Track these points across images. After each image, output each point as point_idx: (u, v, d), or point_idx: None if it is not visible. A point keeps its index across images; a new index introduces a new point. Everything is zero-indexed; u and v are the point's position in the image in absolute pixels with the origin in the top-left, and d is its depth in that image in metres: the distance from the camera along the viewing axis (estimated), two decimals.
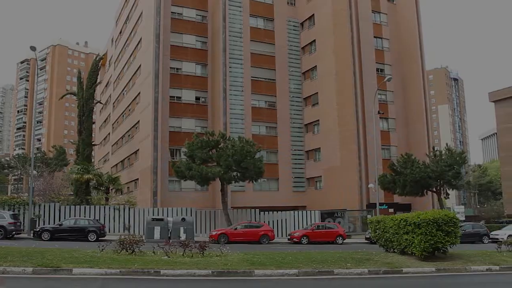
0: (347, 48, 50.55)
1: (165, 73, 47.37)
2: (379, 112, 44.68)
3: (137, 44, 54.24)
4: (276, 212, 40.60)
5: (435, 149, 45.84)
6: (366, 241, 33.62)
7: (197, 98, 50.29)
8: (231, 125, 48.76)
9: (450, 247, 17.74)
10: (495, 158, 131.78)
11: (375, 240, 21.86)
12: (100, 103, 69.86)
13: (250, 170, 35.49)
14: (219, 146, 36.50)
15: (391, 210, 44.36)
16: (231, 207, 41.41)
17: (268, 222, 37.81)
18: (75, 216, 33.88)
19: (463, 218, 42.99)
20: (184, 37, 50.44)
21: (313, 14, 55.32)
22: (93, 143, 53.48)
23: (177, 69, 49.43)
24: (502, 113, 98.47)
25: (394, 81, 48.93)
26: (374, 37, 53.16)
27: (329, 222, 38.52)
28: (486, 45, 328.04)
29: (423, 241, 16.67)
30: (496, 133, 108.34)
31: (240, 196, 46.86)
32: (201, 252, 16.91)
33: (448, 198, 49.21)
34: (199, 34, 51.36)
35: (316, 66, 54.35)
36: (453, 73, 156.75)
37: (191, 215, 35.78)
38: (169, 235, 29.57)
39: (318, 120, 53.23)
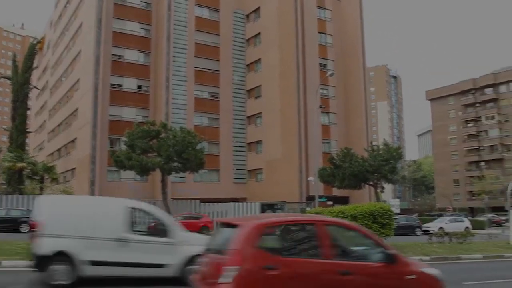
0: (291, 42, 50.98)
1: (106, 60, 46.11)
2: (320, 107, 45.35)
3: (78, 29, 52.52)
4: (216, 203, 40.53)
5: (373, 144, 47.13)
6: None
7: (139, 87, 49.34)
8: (173, 115, 48.17)
9: (385, 239, 18.27)
10: (429, 154, 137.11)
11: None
12: (37, 88, 67.21)
13: (191, 161, 35.17)
14: (160, 136, 35.93)
15: (329, 202, 45.14)
16: (171, 198, 40.99)
17: (209, 213, 37.65)
18: (6, 207, 32.42)
19: (398, 211, 44.33)
20: (128, 23, 49.25)
21: (259, 7, 55.43)
22: (27, 130, 51.45)
23: (119, 56, 48.24)
24: (437, 111, 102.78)
25: (336, 76, 49.78)
26: (318, 32, 53.86)
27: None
28: (424, 44, 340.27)
29: None
30: (431, 130, 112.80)
31: (180, 187, 46.43)
32: None
33: (384, 191, 50.71)
34: (143, 21, 50.31)
35: (260, 58, 54.55)
36: (392, 71, 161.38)
37: None
38: None
39: (261, 112, 53.49)
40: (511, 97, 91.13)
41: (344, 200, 46.58)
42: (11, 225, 28.58)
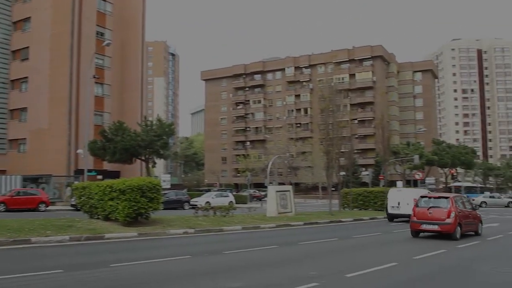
0: (66, 2, 47.46)
1: None
2: (94, 76, 43.37)
3: None
4: None
5: (147, 119, 47.11)
6: (72, 208, 32.52)
7: None
8: None
9: (153, 213, 18.42)
10: (201, 132, 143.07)
11: (80, 207, 21.26)
12: None
13: None
14: None
15: (100, 177, 43.75)
16: None
17: None
18: None
19: (169, 186, 45.28)
20: None
21: None
22: None
23: None
24: (210, 91, 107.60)
25: (113, 47, 48.22)
26: None
27: (31, 188, 35.91)
28: (205, 24, 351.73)
29: (127, 207, 16.84)
30: (204, 109, 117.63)
31: None
32: None
33: (156, 167, 51.31)
34: None
35: (30, 17, 49.79)
36: (171, 48, 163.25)
37: None
38: None
39: (27, 77, 49.02)
40: (276, 84, 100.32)
41: (115, 175, 45.57)
42: None
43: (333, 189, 33.66)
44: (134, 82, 53.60)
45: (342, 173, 40.25)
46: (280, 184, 51.44)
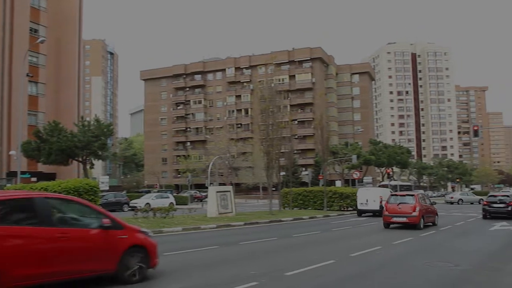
0: None
1: None
2: (28, 75, 41.71)
3: None
4: None
5: (84, 120, 45.85)
6: None
7: None
8: None
9: None
10: (141, 132, 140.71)
11: None
12: None
13: None
14: None
15: (34, 179, 42.25)
16: None
17: None
18: None
19: (108, 188, 44.23)
20: None
21: None
22: None
23: None
24: (150, 91, 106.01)
25: (48, 44, 46.61)
26: None
27: None
28: (144, 23, 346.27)
29: None
30: (143, 110, 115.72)
31: None
32: None
33: (94, 168, 49.98)
34: None
35: None
36: (110, 47, 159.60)
37: None
38: None
39: None
40: (217, 85, 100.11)
41: (50, 177, 44.07)
42: None
43: (273, 189, 33.97)
44: (70, 81, 52.01)
45: (282, 173, 40.76)
46: (221, 184, 51.48)
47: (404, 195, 21.94)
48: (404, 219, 20.23)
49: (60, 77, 51.76)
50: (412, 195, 21.55)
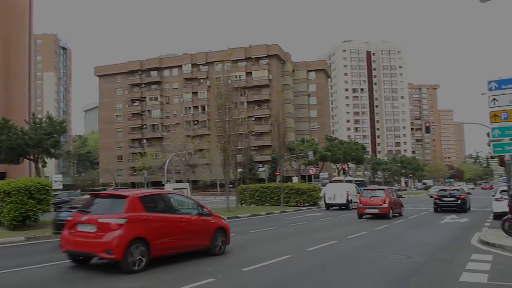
0: None
1: None
2: None
3: None
4: None
5: (36, 117, 44.53)
6: None
7: None
8: None
9: (42, 215, 17.53)
10: (95, 129, 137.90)
11: None
12: None
13: None
14: None
15: None
16: None
17: None
18: None
19: (61, 187, 43.08)
20: None
21: None
22: None
23: None
24: (104, 88, 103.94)
25: None
26: None
27: None
28: (98, 18, 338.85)
29: (13, 210, 15.90)
30: (98, 106, 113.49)
31: None
32: None
33: (46, 166, 48.66)
34: None
35: None
36: (62, 42, 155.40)
37: None
38: None
39: None
40: (173, 81, 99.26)
41: (0, 176, 42.77)
42: None
43: (230, 185, 34.01)
44: (20, 77, 50.20)
45: (239, 169, 40.81)
46: (178, 182, 51.14)
47: (375, 189, 24.89)
48: (376, 210, 22.91)
49: (9, 73, 49.82)
50: (382, 189, 24.42)
